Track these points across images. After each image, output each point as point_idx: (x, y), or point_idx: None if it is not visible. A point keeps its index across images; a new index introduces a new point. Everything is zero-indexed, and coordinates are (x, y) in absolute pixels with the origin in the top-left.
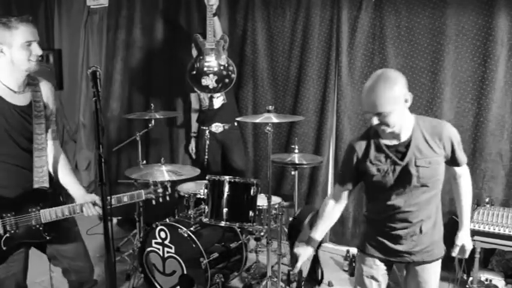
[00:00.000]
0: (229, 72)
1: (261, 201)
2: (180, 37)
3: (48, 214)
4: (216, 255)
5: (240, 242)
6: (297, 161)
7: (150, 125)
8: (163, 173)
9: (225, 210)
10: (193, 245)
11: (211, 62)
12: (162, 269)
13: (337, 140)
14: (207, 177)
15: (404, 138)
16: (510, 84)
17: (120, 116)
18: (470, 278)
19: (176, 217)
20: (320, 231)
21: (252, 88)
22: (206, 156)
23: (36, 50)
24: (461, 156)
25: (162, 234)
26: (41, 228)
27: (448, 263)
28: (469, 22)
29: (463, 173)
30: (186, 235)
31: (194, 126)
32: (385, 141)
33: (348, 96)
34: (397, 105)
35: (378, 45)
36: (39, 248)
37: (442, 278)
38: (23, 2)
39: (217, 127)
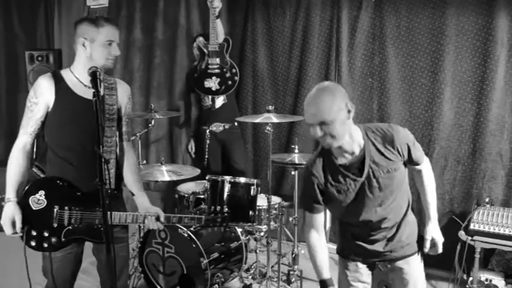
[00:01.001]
0: (232, 74)
1: (261, 201)
2: (180, 37)
3: (112, 217)
4: (216, 255)
5: (240, 242)
6: (297, 161)
7: (150, 125)
8: (163, 173)
9: (225, 210)
10: (193, 245)
11: (214, 64)
12: (162, 269)
13: None
14: (207, 177)
15: (357, 152)
16: (510, 84)
17: None
18: (470, 278)
19: None
20: (326, 268)
21: (252, 88)
22: (206, 156)
23: (115, 51)
24: (419, 155)
25: (162, 234)
26: (102, 229)
27: (448, 263)
28: (469, 22)
29: (424, 166)
30: (186, 235)
31: (193, 125)
32: (339, 161)
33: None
34: (339, 113)
35: (378, 45)
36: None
37: (442, 278)
38: (23, 2)
39: (217, 127)
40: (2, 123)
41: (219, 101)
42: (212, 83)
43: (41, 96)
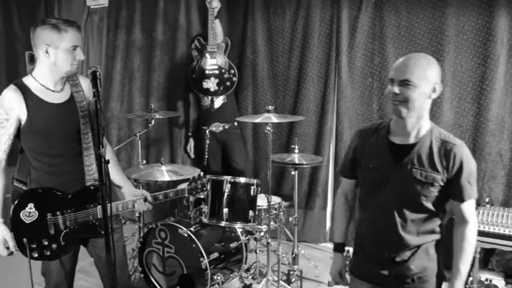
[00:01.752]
0: (231, 75)
1: (261, 201)
2: (180, 37)
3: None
4: (216, 255)
5: (240, 242)
6: (297, 161)
7: (150, 125)
8: (163, 173)
9: (225, 210)
10: (193, 245)
11: (213, 65)
12: (162, 269)
13: (337, 140)
14: (206, 177)
15: (412, 140)
16: (510, 84)
17: (120, 116)
18: (470, 278)
19: (176, 217)
20: (339, 233)
21: (252, 88)
22: (206, 156)
23: (80, 55)
24: (468, 188)
25: (162, 234)
26: (97, 223)
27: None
28: (469, 22)
29: (470, 218)
30: (186, 235)
31: (192, 125)
32: (392, 138)
33: (347, 96)
34: (425, 83)
35: (378, 45)
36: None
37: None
38: (23, 2)
39: (217, 127)
40: None
41: (218, 101)
42: (210, 84)
43: (11, 111)
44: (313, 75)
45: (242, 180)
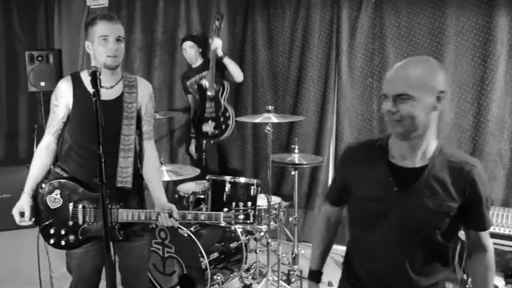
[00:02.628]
0: (226, 119)
1: (261, 201)
2: (180, 37)
3: (125, 214)
4: (216, 255)
5: (240, 242)
6: (297, 161)
7: None
8: (163, 173)
9: (225, 210)
10: (193, 245)
11: (210, 108)
12: (162, 269)
13: (337, 140)
14: (207, 177)
15: (418, 163)
16: (510, 84)
17: None
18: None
19: None
20: (315, 259)
21: (252, 88)
22: (204, 156)
23: (112, 45)
24: (488, 216)
25: (162, 234)
26: (116, 227)
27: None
28: (469, 22)
29: (490, 245)
30: (186, 235)
31: (193, 126)
32: (392, 160)
33: (347, 96)
34: (427, 94)
35: (378, 45)
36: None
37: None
38: (23, 2)
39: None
40: (2, 123)
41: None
42: (208, 127)
43: (61, 98)
44: (313, 75)
45: (242, 180)
